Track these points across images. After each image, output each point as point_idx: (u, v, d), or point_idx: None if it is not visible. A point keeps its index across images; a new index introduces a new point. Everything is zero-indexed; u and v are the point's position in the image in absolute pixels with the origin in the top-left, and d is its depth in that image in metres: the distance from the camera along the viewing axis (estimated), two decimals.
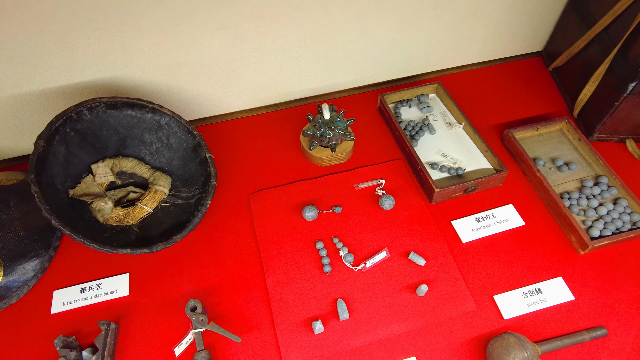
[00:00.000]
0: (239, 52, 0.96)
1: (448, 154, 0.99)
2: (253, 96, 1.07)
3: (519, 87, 1.16)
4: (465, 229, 0.87)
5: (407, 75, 1.17)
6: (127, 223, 0.87)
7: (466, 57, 1.19)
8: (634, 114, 0.96)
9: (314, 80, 1.09)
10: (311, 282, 0.80)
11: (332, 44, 1.01)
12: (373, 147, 1.02)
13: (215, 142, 1.04)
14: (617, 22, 0.94)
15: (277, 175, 0.97)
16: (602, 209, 0.89)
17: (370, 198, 0.92)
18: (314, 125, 0.94)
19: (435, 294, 0.79)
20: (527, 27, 1.17)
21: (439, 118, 1.07)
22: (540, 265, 0.83)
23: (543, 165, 0.97)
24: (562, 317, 0.77)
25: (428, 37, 1.09)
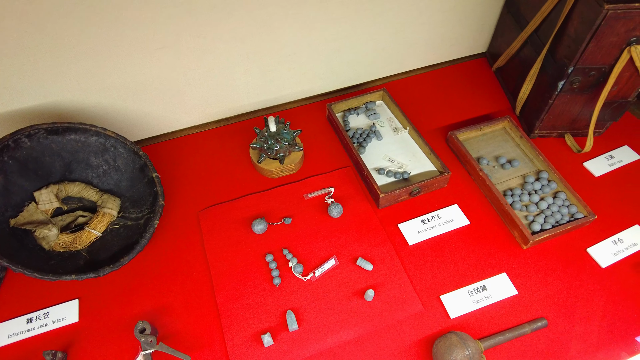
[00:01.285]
0: (182, 70, 0.97)
1: (395, 159, 1.01)
2: (201, 112, 1.08)
3: (465, 88, 1.20)
4: (412, 232, 0.89)
5: (354, 84, 1.20)
6: (75, 248, 0.87)
7: (411, 62, 1.21)
8: (568, 110, 1.00)
9: (262, 93, 1.10)
10: (261, 295, 0.81)
11: (275, 58, 1.03)
12: (323, 156, 1.04)
13: (165, 160, 1.04)
14: (545, 23, 0.98)
15: (228, 190, 0.97)
16: (542, 204, 0.92)
17: (319, 207, 0.94)
18: (261, 138, 0.95)
19: (383, 298, 0.80)
20: (469, 29, 1.21)
21: (386, 124, 1.09)
22: (485, 262, 0.86)
23: (487, 164, 1.00)
24: (506, 312, 0.79)
25: (371, 46, 1.11)
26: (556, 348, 0.75)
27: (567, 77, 0.91)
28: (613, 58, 0.88)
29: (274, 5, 0.93)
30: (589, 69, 0.90)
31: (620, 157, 1.04)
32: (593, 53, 0.87)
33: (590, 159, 1.03)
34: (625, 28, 0.82)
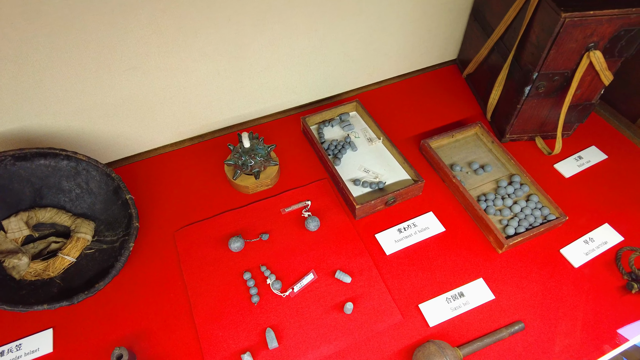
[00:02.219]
0: (152, 90, 0.96)
1: (370, 169, 1.02)
2: (175, 130, 1.07)
3: (437, 95, 1.22)
4: (389, 241, 0.90)
5: (328, 96, 1.20)
6: (48, 276, 0.85)
7: (383, 72, 1.23)
8: (536, 114, 1.02)
9: (235, 109, 1.10)
10: (240, 314, 0.80)
11: (247, 74, 1.03)
12: (299, 170, 1.04)
13: (140, 181, 1.03)
14: (509, 31, 1.00)
15: (204, 208, 0.97)
16: (516, 207, 0.94)
17: (296, 221, 0.94)
18: (235, 154, 0.95)
19: (362, 310, 0.80)
20: (438, 38, 1.23)
21: (360, 135, 1.10)
22: (461, 268, 0.87)
23: (460, 170, 1.02)
24: (484, 318, 0.80)
25: (342, 58, 1.12)
26: (534, 350, 0.76)
27: (532, 82, 0.94)
28: (574, 63, 0.90)
29: (242, 23, 0.93)
30: (553, 74, 0.92)
31: (588, 158, 1.06)
32: (555, 59, 0.89)
33: (560, 161, 1.05)
34: (583, 35, 0.85)
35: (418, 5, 1.11)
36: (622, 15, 0.82)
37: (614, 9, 0.81)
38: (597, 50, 0.87)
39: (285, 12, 0.96)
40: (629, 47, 0.88)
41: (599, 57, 0.88)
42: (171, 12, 0.85)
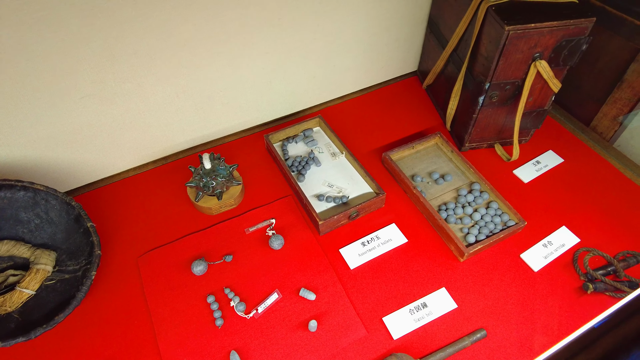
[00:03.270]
0: (110, 115, 0.96)
1: (334, 184, 1.03)
2: (137, 154, 1.07)
3: (399, 107, 1.24)
4: (353, 255, 0.91)
5: (291, 112, 1.21)
6: (4, 311, 0.83)
7: (345, 87, 1.25)
8: (493, 122, 1.05)
9: (198, 130, 1.10)
10: (204, 338, 0.80)
11: (206, 95, 1.03)
12: (264, 188, 1.04)
13: (103, 207, 1.02)
14: (461, 43, 1.03)
15: (168, 232, 0.96)
16: (476, 215, 0.96)
17: (261, 240, 0.94)
18: (196, 176, 0.95)
19: (327, 327, 0.81)
20: (397, 51, 1.25)
21: (324, 150, 1.11)
22: (424, 279, 0.88)
23: (421, 180, 1.03)
24: (447, 327, 0.81)
25: (303, 75, 1.14)
26: (497, 357, 0.77)
27: (485, 92, 0.96)
28: (523, 72, 0.93)
29: (198, 46, 0.94)
30: (504, 84, 0.95)
31: (546, 162, 1.09)
32: (504, 69, 0.92)
33: (519, 166, 1.08)
34: (528, 46, 0.88)
35: (374, 21, 1.13)
36: (561, 26, 0.85)
37: (553, 21, 0.85)
38: (542, 60, 0.91)
39: (241, 35, 0.97)
40: (571, 56, 0.91)
41: (545, 67, 0.91)
42: (125, 39, 0.86)
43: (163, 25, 0.87)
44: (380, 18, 1.13)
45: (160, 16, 0.86)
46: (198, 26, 0.91)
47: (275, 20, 0.98)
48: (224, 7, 0.91)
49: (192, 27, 0.90)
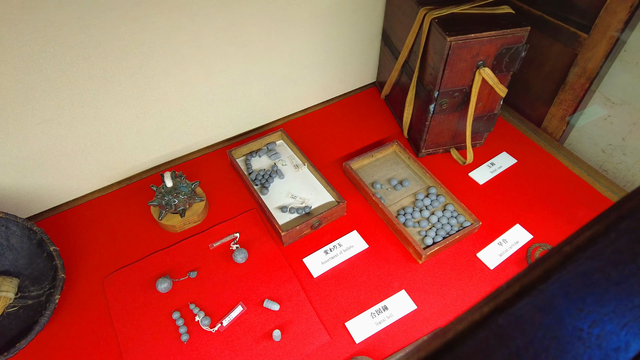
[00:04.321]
0: (70, 139, 0.97)
1: (297, 195, 1.06)
2: (101, 176, 1.08)
3: (359, 118, 1.28)
4: (316, 264, 0.93)
5: (254, 127, 1.24)
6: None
7: (306, 101, 1.28)
8: (446, 128, 1.09)
9: (161, 149, 1.12)
10: (170, 354, 0.81)
11: (166, 114, 1.05)
12: (228, 203, 1.06)
13: (68, 230, 1.02)
14: (411, 54, 1.08)
15: (133, 252, 0.97)
16: (433, 218, 0.99)
17: (225, 255, 0.95)
18: (158, 195, 0.96)
19: (291, 335, 0.83)
20: (354, 63, 1.30)
21: (287, 162, 1.14)
22: (385, 282, 0.91)
23: (381, 187, 1.07)
24: (407, 328, 0.84)
25: (262, 91, 1.17)
26: None
27: (435, 100, 1.01)
28: (469, 80, 0.98)
29: (154, 68, 0.96)
30: (452, 91, 1.00)
31: (500, 163, 1.14)
32: (451, 78, 0.97)
33: (475, 169, 1.13)
34: (470, 55, 0.93)
35: (330, 36, 1.17)
36: (499, 36, 0.90)
37: (491, 31, 0.90)
38: (486, 68, 0.96)
39: (196, 55, 0.99)
40: (513, 62, 0.97)
41: (489, 73, 0.96)
42: (79, 65, 0.87)
43: (116, 49, 0.89)
44: (336, 33, 1.18)
45: (112, 40, 0.88)
46: (152, 49, 0.93)
47: (230, 39, 1.01)
48: (177, 29, 0.93)
49: (146, 49, 0.92)
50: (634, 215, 0.28)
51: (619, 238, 0.27)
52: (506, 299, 0.23)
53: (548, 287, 0.24)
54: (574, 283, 0.25)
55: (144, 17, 0.88)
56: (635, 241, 0.27)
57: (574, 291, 0.24)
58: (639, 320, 0.25)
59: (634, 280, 0.26)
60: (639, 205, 0.28)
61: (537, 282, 0.24)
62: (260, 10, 1.01)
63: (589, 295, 0.25)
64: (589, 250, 0.26)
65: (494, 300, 0.24)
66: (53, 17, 0.79)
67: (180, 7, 0.91)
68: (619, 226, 0.27)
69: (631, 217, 0.28)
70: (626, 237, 0.27)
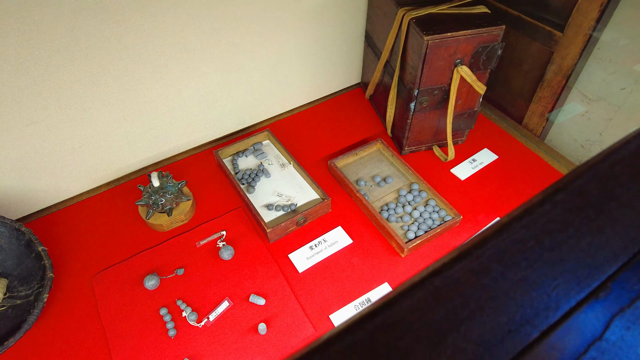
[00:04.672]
0: (58, 141, 0.98)
1: (283, 193, 1.08)
2: (89, 178, 1.09)
3: (345, 118, 1.30)
4: (301, 259, 0.95)
5: (241, 128, 1.26)
6: None
7: (292, 102, 1.31)
8: (427, 125, 1.12)
9: (148, 150, 1.13)
10: (158, 349, 0.82)
11: (153, 116, 1.07)
12: (215, 202, 1.08)
13: (57, 231, 1.03)
14: (392, 54, 1.11)
15: (121, 251, 0.98)
16: (415, 213, 1.02)
17: (211, 252, 0.97)
18: (145, 194, 0.98)
19: (276, 329, 0.84)
20: (339, 64, 1.32)
21: (273, 162, 1.16)
22: (368, 276, 0.93)
23: (365, 184, 1.09)
24: None
25: (248, 92, 1.19)
26: None
27: (415, 98, 1.03)
28: (448, 78, 1.01)
29: (140, 71, 0.98)
30: (432, 89, 1.03)
31: (481, 160, 1.17)
32: (429, 76, 0.99)
33: (456, 165, 1.15)
34: (448, 53, 0.95)
35: (314, 38, 1.20)
36: (475, 34, 0.93)
37: (467, 30, 0.93)
38: (463, 66, 0.99)
39: (182, 57, 1.02)
40: (490, 60, 1.00)
41: (467, 71, 0.99)
42: (66, 68, 0.89)
43: (102, 52, 0.91)
44: (320, 35, 1.20)
45: (98, 44, 0.90)
46: (137, 52, 0.95)
47: (215, 42, 1.04)
48: (161, 32, 0.95)
49: (131, 52, 0.94)
50: (568, 188, 0.30)
51: (553, 209, 0.29)
52: (443, 264, 0.25)
53: (484, 252, 0.26)
54: (509, 249, 0.27)
55: (129, 20, 0.90)
56: (567, 211, 0.29)
57: (508, 256, 0.27)
58: (568, 283, 0.27)
59: (566, 247, 0.28)
60: (573, 179, 0.30)
61: (473, 249, 0.26)
62: (245, 13, 1.04)
63: (522, 260, 0.27)
64: (524, 219, 0.28)
65: (433, 265, 0.26)
66: (39, 20, 0.81)
67: (165, 10, 0.93)
68: (554, 198, 0.30)
69: (565, 190, 0.30)
70: (559, 208, 0.29)
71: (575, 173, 0.32)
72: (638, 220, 0.30)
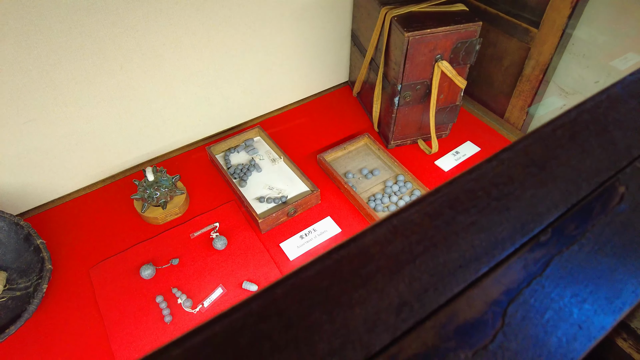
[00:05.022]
0: (55, 139, 1.02)
1: (274, 186, 1.12)
2: (86, 174, 1.12)
3: (333, 115, 1.35)
4: (292, 248, 0.99)
5: (233, 125, 1.30)
6: None
7: (282, 100, 1.35)
8: (412, 120, 1.17)
9: (142, 147, 1.17)
10: (154, 335, 0.85)
11: (147, 114, 1.11)
12: (208, 195, 1.12)
13: (55, 226, 1.06)
14: (377, 52, 1.15)
15: (118, 244, 1.02)
16: (401, 203, 1.06)
17: (206, 243, 1.01)
18: (140, 188, 1.01)
19: None
20: (328, 64, 1.37)
21: (264, 157, 1.20)
22: None
23: (353, 177, 1.13)
24: None
25: (240, 91, 1.23)
26: None
27: (398, 93, 1.08)
28: (429, 73, 1.06)
29: (134, 69, 1.02)
30: (414, 84, 1.07)
31: (464, 152, 1.22)
32: (412, 71, 1.04)
33: (440, 157, 1.20)
34: (428, 49, 1.00)
35: (302, 38, 1.25)
36: (453, 31, 0.98)
37: (446, 27, 0.98)
38: (444, 61, 1.03)
39: (174, 56, 1.06)
40: (468, 56, 1.05)
41: (447, 66, 1.04)
42: (62, 66, 0.93)
43: (97, 52, 0.95)
44: (307, 35, 1.25)
45: (93, 43, 0.93)
46: (130, 51, 0.99)
47: (206, 42, 1.08)
48: (154, 32, 0.99)
49: (125, 52, 0.98)
50: (514, 148, 0.34)
51: (500, 165, 0.33)
52: (402, 208, 0.30)
53: (437, 199, 0.31)
54: (460, 197, 0.31)
55: (123, 21, 0.94)
56: (512, 168, 0.33)
57: (459, 203, 0.31)
58: (513, 227, 0.31)
59: (511, 197, 0.32)
60: (519, 141, 0.35)
61: (428, 196, 0.30)
62: (235, 14, 1.08)
63: (472, 207, 0.31)
64: (474, 173, 0.32)
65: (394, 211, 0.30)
66: (36, 21, 0.85)
67: (157, 11, 0.97)
68: (501, 156, 0.34)
69: (511, 150, 0.34)
70: (505, 165, 0.34)
71: (522, 137, 0.36)
72: (575, 177, 0.35)
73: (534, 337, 0.29)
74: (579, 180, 0.35)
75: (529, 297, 0.30)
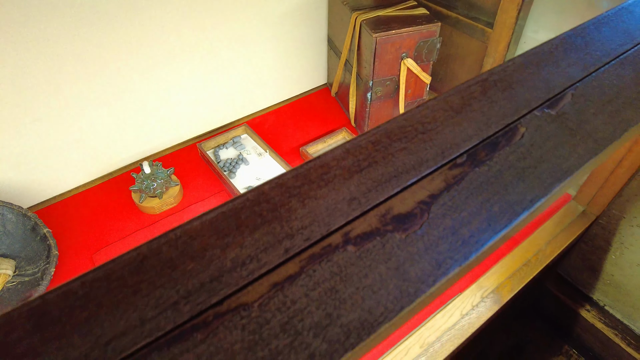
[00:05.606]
0: (59, 138, 1.11)
1: (261, 177, 1.22)
2: (87, 171, 1.21)
3: (314, 113, 1.47)
4: None
5: (221, 125, 1.41)
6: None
7: (266, 101, 1.47)
8: (384, 113, 1.29)
9: (139, 145, 1.27)
10: None
11: (142, 114, 1.21)
12: (201, 187, 1.22)
13: (60, 219, 1.14)
14: (350, 53, 1.28)
15: (118, 232, 1.11)
16: None
17: None
18: (138, 180, 1.11)
19: None
20: (306, 67, 1.49)
21: (251, 151, 1.30)
22: None
23: None
24: None
25: (227, 92, 1.34)
26: None
27: (370, 89, 1.20)
28: (397, 70, 1.18)
29: (129, 73, 1.12)
30: (384, 80, 1.20)
31: None
32: (381, 69, 1.17)
33: None
34: (394, 48, 1.13)
35: (282, 44, 1.37)
36: (415, 31, 1.11)
37: (409, 28, 1.11)
38: (409, 58, 1.16)
39: (166, 62, 1.16)
40: (430, 53, 1.18)
41: (412, 64, 1.17)
42: (67, 70, 1.03)
43: (97, 58, 1.05)
44: (287, 41, 1.37)
45: (93, 50, 1.04)
46: (127, 57, 1.09)
47: (195, 47, 1.19)
48: (148, 39, 1.10)
49: (123, 57, 1.09)
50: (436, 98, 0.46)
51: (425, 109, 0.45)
52: (352, 138, 0.41)
53: (378, 131, 0.42)
54: (394, 130, 0.42)
55: (120, 29, 1.05)
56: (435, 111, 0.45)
57: (394, 134, 0.42)
58: (435, 151, 0.42)
59: (434, 132, 0.44)
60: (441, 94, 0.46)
61: (371, 130, 0.42)
62: (220, 24, 1.20)
63: (403, 137, 0.42)
64: (406, 114, 0.44)
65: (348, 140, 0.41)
66: (44, 29, 0.95)
67: (151, 19, 1.08)
68: (426, 104, 0.45)
69: (434, 99, 0.46)
70: (429, 109, 0.45)
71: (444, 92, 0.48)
72: (486, 119, 0.46)
73: (452, 228, 0.40)
74: (489, 122, 0.46)
75: (449, 200, 0.41)
